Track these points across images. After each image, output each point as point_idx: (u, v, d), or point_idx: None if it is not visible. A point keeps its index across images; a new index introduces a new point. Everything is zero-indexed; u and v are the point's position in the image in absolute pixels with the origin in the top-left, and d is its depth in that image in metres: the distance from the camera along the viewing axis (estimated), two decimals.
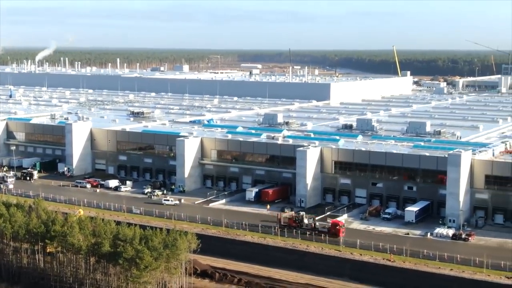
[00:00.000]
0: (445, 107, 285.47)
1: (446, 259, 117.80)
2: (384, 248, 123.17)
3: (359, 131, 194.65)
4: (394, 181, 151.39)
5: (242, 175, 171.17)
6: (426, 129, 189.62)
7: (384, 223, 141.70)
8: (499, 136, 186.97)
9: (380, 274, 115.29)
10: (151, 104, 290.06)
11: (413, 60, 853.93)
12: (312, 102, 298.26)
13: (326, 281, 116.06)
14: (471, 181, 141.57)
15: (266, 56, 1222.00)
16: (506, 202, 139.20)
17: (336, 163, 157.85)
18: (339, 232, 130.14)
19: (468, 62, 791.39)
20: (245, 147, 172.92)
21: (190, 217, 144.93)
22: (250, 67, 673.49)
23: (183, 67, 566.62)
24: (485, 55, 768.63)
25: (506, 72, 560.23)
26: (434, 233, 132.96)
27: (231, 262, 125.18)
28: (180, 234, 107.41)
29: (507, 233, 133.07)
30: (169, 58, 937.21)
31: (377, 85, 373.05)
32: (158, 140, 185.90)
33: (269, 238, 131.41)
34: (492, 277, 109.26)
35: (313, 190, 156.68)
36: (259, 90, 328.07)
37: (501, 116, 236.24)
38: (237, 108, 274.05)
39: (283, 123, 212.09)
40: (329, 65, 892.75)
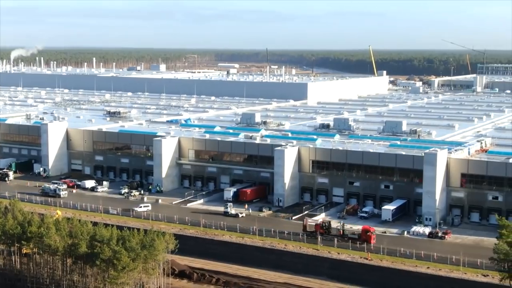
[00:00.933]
0: (421, 106, 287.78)
1: (423, 257, 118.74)
2: (362, 246, 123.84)
3: (336, 130, 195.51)
4: (371, 180, 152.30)
5: (220, 175, 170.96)
6: (402, 128, 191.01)
7: (361, 221, 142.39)
8: (475, 135, 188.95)
9: (358, 273, 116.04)
10: (128, 103, 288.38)
11: (389, 59, 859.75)
12: (290, 101, 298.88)
13: (304, 280, 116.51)
14: (447, 179, 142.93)
15: (243, 56, 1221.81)
16: (482, 200, 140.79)
17: (314, 162, 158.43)
18: (370, 238, 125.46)
19: (443, 62, 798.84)
20: (223, 147, 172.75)
21: (168, 217, 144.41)
22: (228, 66, 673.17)
23: (160, 66, 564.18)
24: (460, 54, 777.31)
25: (481, 71, 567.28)
26: (410, 231, 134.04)
27: (209, 262, 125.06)
28: (157, 234, 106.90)
29: (483, 231, 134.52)
30: (145, 58, 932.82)
31: (354, 84, 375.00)
32: (135, 140, 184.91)
33: (247, 237, 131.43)
34: (468, 275, 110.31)
35: (291, 190, 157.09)
36: (237, 89, 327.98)
37: (477, 115, 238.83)
38: (215, 107, 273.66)
39: (261, 122, 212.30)
40: (306, 65, 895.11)
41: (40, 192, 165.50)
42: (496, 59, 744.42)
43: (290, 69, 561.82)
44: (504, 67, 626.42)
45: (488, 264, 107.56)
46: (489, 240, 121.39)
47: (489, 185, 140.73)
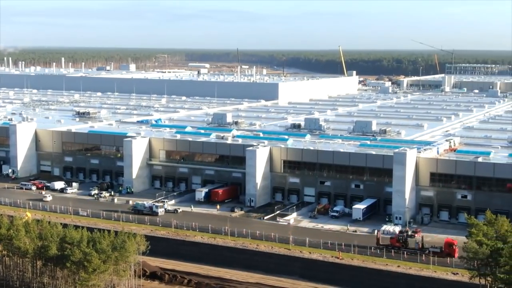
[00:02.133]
0: (390, 106, 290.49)
1: (393, 256, 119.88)
2: (333, 245, 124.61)
3: (307, 130, 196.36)
4: (342, 180, 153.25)
5: (191, 175, 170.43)
6: (372, 128, 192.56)
7: (332, 221, 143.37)
8: (443, 134, 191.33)
9: (329, 272, 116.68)
10: (97, 104, 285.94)
11: (359, 60, 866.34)
12: (261, 101, 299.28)
13: (276, 279, 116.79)
14: (416, 178, 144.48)
15: (214, 56, 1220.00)
16: (451, 199, 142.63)
17: (285, 162, 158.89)
18: (454, 252, 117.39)
19: (412, 62, 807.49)
20: (194, 147, 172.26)
21: (139, 218, 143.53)
22: (198, 66, 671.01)
23: (130, 66, 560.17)
24: (429, 54, 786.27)
25: (449, 71, 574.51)
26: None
27: (181, 263, 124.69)
28: (128, 236, 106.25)
29: (452, 229, 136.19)
30: (115, 57, 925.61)
31: (324, 84, 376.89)
32: (104, 140, 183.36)
33: (219, 238, 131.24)
34: (438, 273, 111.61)
35: (263, 189, 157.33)
36: (208, 89, 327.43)
37: (445, 114, 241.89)
38: (186, 107, 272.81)
39: (232, 122, 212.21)
40: (277, 65, 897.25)
41: (132, 209, 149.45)
42: (464, 59, 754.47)
43: (261, 69, 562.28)
44: (472, 67, 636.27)
45: (457, 262, 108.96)
46: (458, 239, 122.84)
47: (458, 184, 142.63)
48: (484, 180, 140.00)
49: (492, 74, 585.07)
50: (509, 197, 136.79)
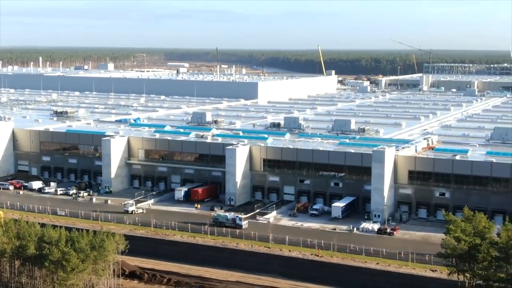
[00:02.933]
0: (368, 105, 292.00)
1: (372, 253, 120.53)
2: (312, 243, 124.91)
3: (286, 129, 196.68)
4: (321, 178, 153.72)
5: (170, 175, 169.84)
6: (351, 126, 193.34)
7: (312, 219, 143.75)
8: (421, 132, 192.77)
9: (309, 270, 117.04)
10: (75, 103, 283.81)
11: (337, 59, 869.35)
12: (240, 100, 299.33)
13: (256, 278, 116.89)
14: (395, 176, 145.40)
15: (193, 55, 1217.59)
16: (429, 196, 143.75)
17: (265, 161, 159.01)
18: None
19: (390, 62, 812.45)
20: (174, 146, 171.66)
21: (118, 218, 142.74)
22: (177, 65, 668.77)
23: (108, 65, 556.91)
24: (407, 54, 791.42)
25: (427, 70, 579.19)
26: (360, 228, 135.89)
27: (160, 262, 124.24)
28: (107, 235, 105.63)
29: (430, 227, 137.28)
30: (93, 57, 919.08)
31: (303, 84, 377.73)
32: (83, 140, 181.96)
33: (198, 237, 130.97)
34: (417, 270, 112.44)
35: (243, 188, 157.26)
36: (187, 89, 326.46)
37: (423, 113, 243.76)
38: (165, 107, 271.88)
39: (212, 121, 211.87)
40: (256, 64, 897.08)
41: (213, 222, 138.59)
42: (442, 58, 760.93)
43: (240, 69, 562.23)
44: (449, 66, 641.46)
45: (436, 259, 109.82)
46: (437, 236, 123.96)
47: (436, 181, 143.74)
48: (462, 178, 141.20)
49: (469, 73, 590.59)
50: (487, 194, 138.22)
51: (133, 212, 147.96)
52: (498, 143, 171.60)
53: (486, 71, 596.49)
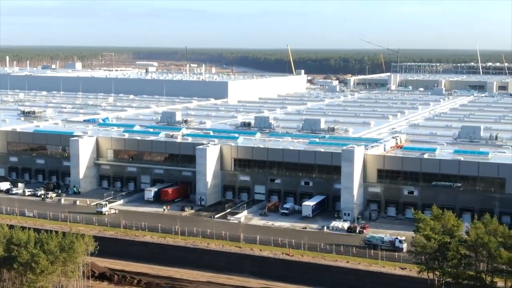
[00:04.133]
0: (338, 104, 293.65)
1: (342, 251, 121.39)
2: (283, 242, 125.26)
3: (257, 128, 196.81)
4: (292, 177, 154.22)
5: (140, 175, 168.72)
6: (320, 126, 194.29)
7: (283, 218, 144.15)
8: (390, 131, 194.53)
9: (280, 269, 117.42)
10: (43, 103, 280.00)
11: (307, 59, 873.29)
12: (210, 100, 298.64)
13: (226, 277, 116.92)
14: (364, 175, 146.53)
15: (162, 54, 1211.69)
16: (398, 195, 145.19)
17: (236, 161, 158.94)
18: None
19: (358, 61, 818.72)
20: (143, 146, 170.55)
21: (87, 219, 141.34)
22: (146, 64, 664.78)
23: (76, 64, 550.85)
24: (375, 53, 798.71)
25: (395, 70, 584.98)
26: (330, 226, 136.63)
27: (130, 263, 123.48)
28: (76, 236, 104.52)
29: (399, 225, 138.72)
30: (60, 56, 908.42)
31: (273, 83, 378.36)
32: (50, 140, 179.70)
33: (169, 237, 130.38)
34: (386, 268, 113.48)
35: (213, 188, 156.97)
36: (156, 88, 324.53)
37: (391, 112, 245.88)
38: (134, 106, 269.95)
39: (182, 121, 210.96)
40: (226, 63, 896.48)
41: (364, 244, 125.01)
42: (409, 57, 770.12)
43: (210, 68, 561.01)
44: (417, 66, 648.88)
45: (406, 257, 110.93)
46: (406, 234, 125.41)
47: (404, 180, 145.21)
48: (430, 176, 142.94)
49: (436, 72, 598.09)
50: (454, 192, 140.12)
51: (107, 212, 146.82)
52: (465, 141, 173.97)
53: (453, 70, 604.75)
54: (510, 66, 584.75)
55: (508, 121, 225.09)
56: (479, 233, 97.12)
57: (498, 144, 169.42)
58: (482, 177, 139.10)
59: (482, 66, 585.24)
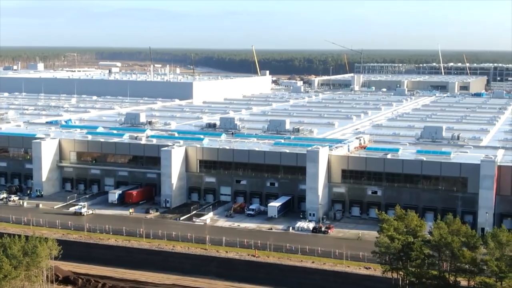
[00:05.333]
0: (302, 105, 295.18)
1: (308, 252, 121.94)
2: (249, 244, 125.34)
3: (222, 129, 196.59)
4: (257, 178, 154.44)
5: (104, 177, 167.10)
6: (285, 126, 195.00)
7: (249, 219, 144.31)
8: (353, 132, 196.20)
9: (246, 270, 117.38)
10: (4, 104, 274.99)
11: (271, 59, 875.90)
12: (175, 101, 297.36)
13: (192, 280, 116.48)
14: (328, 175, 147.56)
15: (125, 54, 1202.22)
16: (362, 195, 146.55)
17: (201, 162, 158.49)
18: None
19: (322, 62, 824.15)
20: (107, 148, 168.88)
21: (50, 222, 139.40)
22: (109, 65, 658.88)
23: (38, 65, 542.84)
24: (338, 54, 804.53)
25: (358, 70, 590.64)
26: (295, 227, 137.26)
27: (95, 267, 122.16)
28: (40, 240, 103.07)
29: (363, 225, 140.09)
30: (22, 57, 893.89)
31: (238, 84, 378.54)
32: (12, 142, 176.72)
33: (133, 240, 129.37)
34: (351, 268, 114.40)
35: (178, 190, 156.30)
36: (120, 88, 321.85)
37: (355, 113, 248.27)
38: (97, 107, 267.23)
39: (146, 122, 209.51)
40: (190, 64, 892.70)
41: None
42: (372, 58, 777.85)
43: (174, 68, 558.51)
44: (380, 66, 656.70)
45: (369, 257, 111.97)
46: (370, 234, 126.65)
47: (368, 180, 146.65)
48: (393, 176, 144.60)
49: (399, 73, 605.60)
50: (417, 192, 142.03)
51: (85, 213, 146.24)
52: (427, 141, 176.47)
53: (415, 71, 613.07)
54: (471, 66, 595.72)
55: (469, 121, 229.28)
56: (442, 233, 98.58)
57: (460, 144, 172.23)
58: (444, 176, 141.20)
59: (444, 66, 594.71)
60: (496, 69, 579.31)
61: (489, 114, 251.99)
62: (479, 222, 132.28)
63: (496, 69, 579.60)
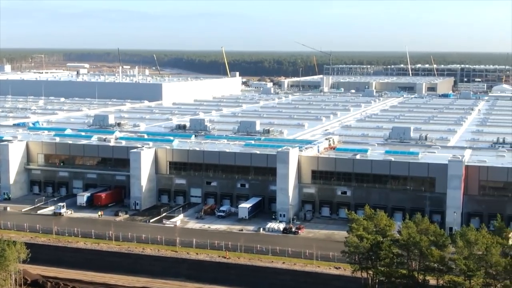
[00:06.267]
0: (272, 106, 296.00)
1: (278, 252, 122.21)
2: (220, 245, 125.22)
3: (192, 131, 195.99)
4: (228, 179, 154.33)
5: (72, 180, 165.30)
6: (256, 128, 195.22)
7: (219, 220, 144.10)
8: (323, 133, 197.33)
9: (216, 272, 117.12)
10: None
11: (241, 61, 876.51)
12: (144, 102, 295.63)
13: (162, 282, 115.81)
14: (299, 176, 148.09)
15: (93, 56, 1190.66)
16: (331, 195, 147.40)
17: (171, 164, 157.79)
18: None
19: (292, 63, 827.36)
20: (75, 150, 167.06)
21: (18, 225, 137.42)
22: (77, 66, 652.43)
23: (5, 67, 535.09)
24: (308, 56, 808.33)
25: (327, 72, 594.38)
26: (266, 228, 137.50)
27: (64, 270, 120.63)
28: (8, 244, 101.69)
29: (333, 225, 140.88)
30: None
31: (208, 85, 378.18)
32: None
33: (103, 243, 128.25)
34: (321, 268, 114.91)
35: (148, 192, 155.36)
36: (88, 90, 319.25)
37: (324, 114, 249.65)
38: (65, 109, 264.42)
39: (115, 124, 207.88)
40: (160, 65, 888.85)
41: None
42: (341, 60, 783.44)
43: (143, 70, 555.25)
44: (348, 68, 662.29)
45: (339, 257, 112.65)
46: (340, 234, 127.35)
47: (337, 180, 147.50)
48: (362, 176, 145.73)
49: (367, 74, 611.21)
50: (386, 192, 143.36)
51: (65, 214, 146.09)
52: (396, 142, 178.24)
53: (383, 72, 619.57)
54: (438, 68, 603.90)
55: (437, 121, 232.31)
56: (411, 233, 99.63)
57: (428, 144, 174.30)
58: (412, 176, 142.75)
59: (411, 67, 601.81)
60: (463, 70, 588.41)
61: (456, 114, 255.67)
62: (447, 222, 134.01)
63: (463, 70, 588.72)
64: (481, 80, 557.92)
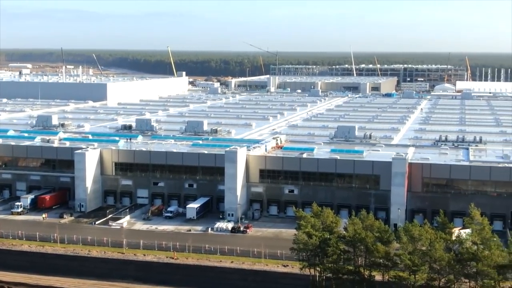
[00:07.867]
0: (220, 106, 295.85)
1: (227, 252, 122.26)
2: (168, 246, 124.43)
3: (138, 131, 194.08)
4: (175, 180, 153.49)
5: (15, 182, 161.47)
6: (203, 128, 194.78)
7: (167, 221, 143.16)
8: (270, 132, 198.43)
9: (164, 272, 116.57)
10: None
11: (187, 61, 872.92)
12: (89, 102, 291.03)
13: (109, 284, 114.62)
14: (247, 175, 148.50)
15: (36, 56, 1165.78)
16: (279, 194, 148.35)
17: (117, 165, 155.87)
18: None
19: (239, 63, 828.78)
20: (18, 152, 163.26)
21: None
22: (19, 66, 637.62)
23: None
24: (254, 56, 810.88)
25: (273, 72, 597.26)
26: (214, 227, 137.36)
27: (8, 273, 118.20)
28: None
29: (281, 223, 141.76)
30: None
31: (154, 85, 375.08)
32: None
33: (48, 246, 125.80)
34: (270, 266, 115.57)
35: (94, 193, 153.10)
36: (31, 90, 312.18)
37: (271, 113, 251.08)
38: (7, 110, 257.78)
39: (59, 125, 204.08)
40: (104, 65, 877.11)
41: None
42: (287, 60, 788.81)
43: (87, 69, 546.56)
44: (294, 68, 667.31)
45: (288, 254, 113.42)
46: (288, 232, 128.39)
47: (285, 179, 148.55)
48: (309, 175, 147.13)
49: (313, 74, 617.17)
50: (332, 190, 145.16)
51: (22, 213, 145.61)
52: (341, 140, 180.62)
53: (328, 72, 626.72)
54: (382, 68, 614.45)
55: (381, 120, 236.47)
56: (357, 229, 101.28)
57: (372, 142, 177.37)
58: (357, 174, 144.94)
59: (355, 68, 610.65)
60: (406, 70, 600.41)
61: (400, 113, 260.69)
62: (392, 218, 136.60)
63: (406, 70, 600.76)
64: (424, 79, 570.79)
